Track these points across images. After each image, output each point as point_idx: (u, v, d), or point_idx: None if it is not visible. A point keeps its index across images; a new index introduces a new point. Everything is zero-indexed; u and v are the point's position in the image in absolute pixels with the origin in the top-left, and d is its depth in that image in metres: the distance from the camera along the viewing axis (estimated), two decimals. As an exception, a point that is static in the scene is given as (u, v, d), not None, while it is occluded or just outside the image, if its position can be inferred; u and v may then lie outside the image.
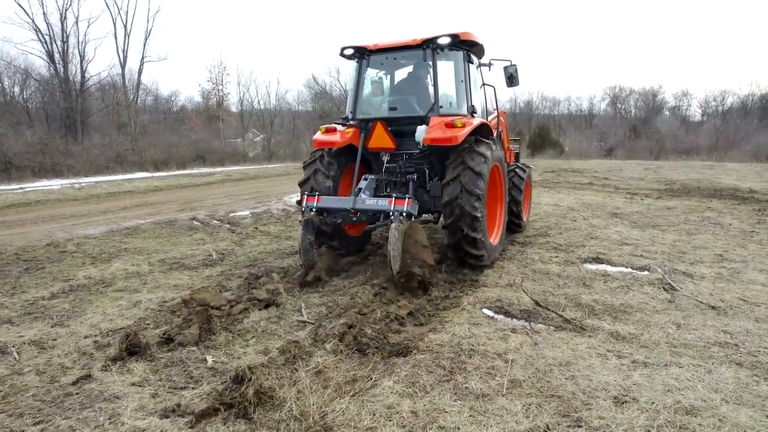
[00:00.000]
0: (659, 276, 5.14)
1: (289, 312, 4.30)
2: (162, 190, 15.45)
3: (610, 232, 7.49)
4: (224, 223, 8.97)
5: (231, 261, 6.20)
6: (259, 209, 10.51)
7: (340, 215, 5.29)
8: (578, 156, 39.82)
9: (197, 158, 42.44)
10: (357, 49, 5.82)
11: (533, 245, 6.74)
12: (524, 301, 4.43)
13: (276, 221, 8.98)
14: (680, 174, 19.25)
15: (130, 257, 6.33)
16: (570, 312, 4.21)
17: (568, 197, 11.78)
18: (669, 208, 10.06)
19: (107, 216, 9.80)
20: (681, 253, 6.22)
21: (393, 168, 5.79)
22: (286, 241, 7.25)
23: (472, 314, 4.18)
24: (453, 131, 5.04)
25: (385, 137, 5.56)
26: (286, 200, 12.01)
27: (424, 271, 4.68)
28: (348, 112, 6.01)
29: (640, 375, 3.07)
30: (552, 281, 5.10)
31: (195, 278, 5.42)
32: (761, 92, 57.13)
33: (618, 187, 14.59)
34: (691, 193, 12.86)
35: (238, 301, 4.42)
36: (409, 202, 4.73)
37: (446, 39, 5.37)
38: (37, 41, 30.21)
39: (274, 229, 8.24)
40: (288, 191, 14.18)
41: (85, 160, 33.64)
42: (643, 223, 8.37)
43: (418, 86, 5.87)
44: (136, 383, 3.03)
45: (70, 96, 37.94)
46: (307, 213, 5.11)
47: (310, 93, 61.62)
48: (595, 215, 9.15)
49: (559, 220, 8.63)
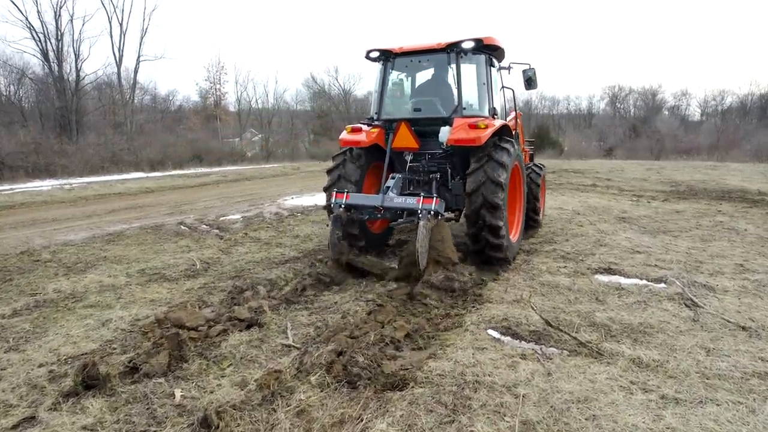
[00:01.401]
0: (678, 290, 4.73)
1: (273, 333, 3.88)
2: (154, 191, 15.00)
3: (620, 239, 7.08)
4: (213, 227, 8.55)
5: (215, 271, 5.77)
6: (251, 213, 10.08)
7: (366, 212, 5.41)
8: (578, 156, 39.42)
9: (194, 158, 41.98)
10: (382, 52, 6.06)
11: (539, 253, 6.32)
12: (533, 320, 4.02)
13: (267, 226, 8.55)
14: (684, 175, 18.86)
15: (107, 267, 5.90)
16: (584, 333, 3.80)
17: (572, 200, 11.37)
18: (678, 211, 9.65)
19: (92, 220, 9.36)
20: (698, 262, 5.80)
21: (416, 167, 5.98)
22: (277, 249, 6.82)
23: (476, 336, 3.76)
24: (476, 132, 5.21)
25: (409, 137, 5.75)
26: (281, 203, 11.59)
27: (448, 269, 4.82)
28: (373, 113, 6.24)
29: (672, 415, 2.65)
30: (562, 296, 4.68)
31: (174, 292, 5.00)
32: (760, 92, 56.92)
33: (622, 188, 14.18)
34: (698, 195, 12.46)
35: (217, 321, 4.00)
36: (437, 201, 4.90)
37: (470, 43, 5.57)
38: (31, 39, 29.64)
39: (264, 234, 7.82)
40: (283, 193, 13.76)
41: (80, 160, 33.16)
42: (653, 228, 7.97)
43: (442, 88, 6.04)
44: (87, 427, 2.60)
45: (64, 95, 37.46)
46: (336, 209, 5.32)
47: (309, 92, 61.24)
48: (602, 220, 8.74)
49: (565, 225, 8.22)
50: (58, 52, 33.91)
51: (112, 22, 32.41)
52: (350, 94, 61.69)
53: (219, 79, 46.52)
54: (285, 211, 10.33)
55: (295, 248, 6.85)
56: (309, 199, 11.97)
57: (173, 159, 38.07)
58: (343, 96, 61.37)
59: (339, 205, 5.30)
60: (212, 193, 14.09)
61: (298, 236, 7.66)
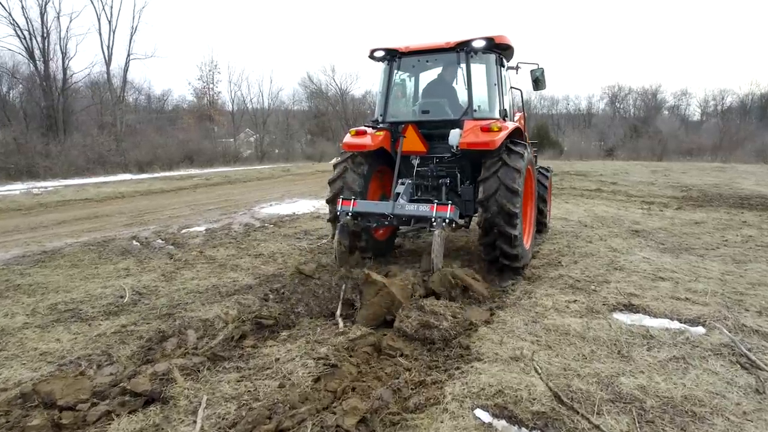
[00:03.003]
0: (724, 338, 3.67)
1: (179, 414, 2.79)
2: (125, 197, 13.91)
3: (637, 259, 6.01)
4: (168, 243, 7.47)
5: (145, 306, 4.69)
6: (219, 224, 9.01)
7: (373, 220, 5.25)
8: (578, 156, 38.44)
9: (185, 159, 40.91)
10: (388, 52, 5.78)
11: (543, 281, 5.24)
12: (538, 392, 2.94)
13: (230, 242, 7.47)
14: (692, 178, 17.81)
15: (12, 301, 4.82)
16: (608, 416, 2.72)
17: (577, 208, 10.29)
18: (697, 222, 8.58)
19: (35, 233, 8.27)
20: (738, 294, 4.73)
21: (424, 172, 5.74)
22: (230, 274, 5.74)
23: (459, 421, 2.69)
24: (489, 135, 4.95)
25: (416, 140, 5.53)
26: (256, 211, 10.51)
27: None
28: (377, 115, 5.94)
29: None
30: (574, 348, 3.60)
31: (80, 339, 3.91)
32: (761, 91, 56.29)
33: (630, 194, 13.12)
34: (713, 202, 11.40)
35: (104, 395, 2.92)
36: (452, 209, 4.73)
37: (481, 42, 5.33)
38: (15, 37, 28.56)
39: (222, 253, 6.73)
40: (262, 199, 12.68)
41: (64, 162, 32.12)
42: (672, 244, 6.89)
43: (451, 89, 5.81)
44: None
45: (51, 94, 36.45)
46: (343, 217, 5.09)
47: (306, 92, 60.30)
48: (613, 233, 7.66)
49: (571, 241, 7.14)
50: (44, 50, 32.90)
51: (101, 19, 31.31)
52: (347, 93, 60.71)
53: (212, 78, 45.35)
54: (257, 221, 9.25)
55: (252, 272, 5.77)
56: (287, 207, 10.89)
57: (163, 160, 37.02)
58: (340, 96, 60.38)
59: (346, 212, 5.07)
60: (186, 199, 13.00)
61: (260, 255, 6.57)
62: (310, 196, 12.96)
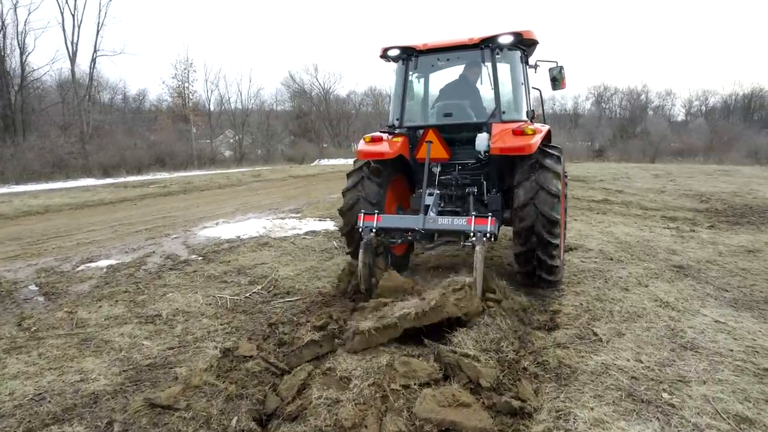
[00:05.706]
0: None
1: None
2: (46, 212, 11.67)
3: (707, 325, 4.06)
4: (42, 291, 5.35)
5: None
6: (134, 255, 6.88)
7: (398, 235, 4.99)
8: (568, 158, 36.90)
9: (156, 162, 38.43)
10: (403, 50, 5.37)
11: (580, 381, 3.19)
12: None
13: (127, 290, 5.32)
14: (703, 183, 16.13)
15: None
16: None
17: (591, 229, 8.33)
18: (750, 251, 6.67)
19: None
20: None
21: (447, 180, 5.33)
22: (85, 363, 3.62)
23: None
24: (524, 139, 4.54)
25: (438, 146, 5.09)
26: (193, 233, 8.39)
27: None
28: (393, 120, 5.53)
29: None
30: None
31: None
32: (743, 92, 56.44)
33: (644, 206, 11.26)
34: (746, 216, 9.59)
35: None
36: (492, 221, 4.23)
37: (509, 38, 4.94)
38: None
39: (102, 313, 4.60)
40: (211, 214, 10.54)
41: (16, 166, 29.64)
42: (741, 292, 4.95)
43: (474, 90, 5.45)
44: None
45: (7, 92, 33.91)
46: (367, 234, 4.57)
47: (289, 91, 58.27)
48: (651, 272, 5.70)
49: (601, 288, 5.11)
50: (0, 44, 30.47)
51: (64, 13, 28.82)
52: (331, 93, 58.60)
53: (188, 77, 42.86)
54: (185, 251, 7.14)
55: (121, 360, 3.66)
56: (233, 228, 8.76)
57: (131, 164, 34.57)
58: (324, 95, 58.22)
59: (370, 229, 4.60)
60: (116, 216, 10.80)
61: (155, 318, 4.47)
62: (268, 211, 10.84)
